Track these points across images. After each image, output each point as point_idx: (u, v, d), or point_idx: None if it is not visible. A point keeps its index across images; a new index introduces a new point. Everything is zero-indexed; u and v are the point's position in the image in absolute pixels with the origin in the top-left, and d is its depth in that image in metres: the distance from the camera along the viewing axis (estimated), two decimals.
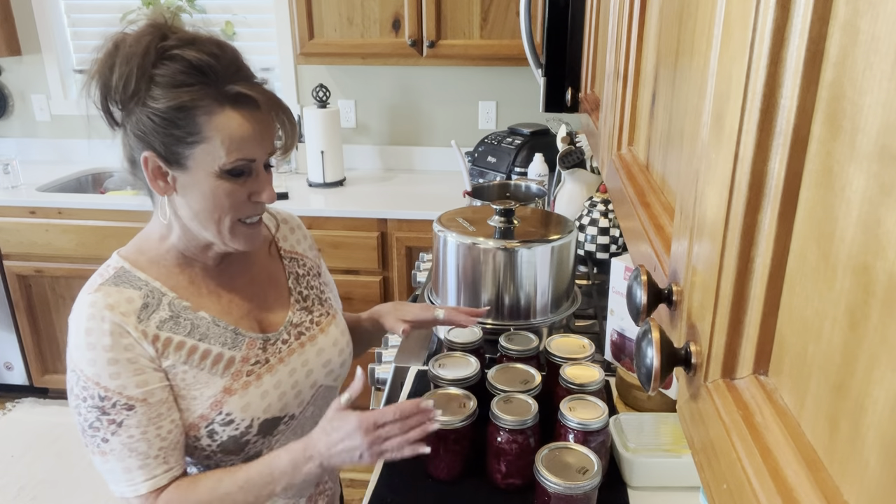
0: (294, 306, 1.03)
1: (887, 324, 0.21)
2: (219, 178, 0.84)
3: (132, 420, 0.85)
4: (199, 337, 0.90)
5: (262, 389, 0.94)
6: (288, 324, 1.01)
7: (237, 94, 0.82)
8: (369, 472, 2.42)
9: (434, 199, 2.52)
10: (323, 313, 1.06)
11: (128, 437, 0.85)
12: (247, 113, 0.83)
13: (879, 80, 0.22)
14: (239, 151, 0.83)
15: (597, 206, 1.78)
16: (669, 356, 0.37)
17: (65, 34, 2.99)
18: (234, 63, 0.84)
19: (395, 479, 1.04)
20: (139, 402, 0.85)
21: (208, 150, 0.82)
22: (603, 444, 0.99)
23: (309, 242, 1.13)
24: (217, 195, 0.85)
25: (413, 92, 2.88)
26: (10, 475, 2.46)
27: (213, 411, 0.90)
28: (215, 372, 0.90)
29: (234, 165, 0.84)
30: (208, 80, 0.81)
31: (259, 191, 0.88)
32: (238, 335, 0.94)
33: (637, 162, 0.71)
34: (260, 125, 0.85)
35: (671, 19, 0.55)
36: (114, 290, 0.87)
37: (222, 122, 0.82)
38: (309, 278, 1.08)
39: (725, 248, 0.33)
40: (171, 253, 0.93)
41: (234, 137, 0.83)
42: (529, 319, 1.30)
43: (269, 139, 0.87)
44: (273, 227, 1.08)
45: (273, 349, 0.97)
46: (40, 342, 2.77)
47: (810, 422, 0.27)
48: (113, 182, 2.93)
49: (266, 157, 0.88)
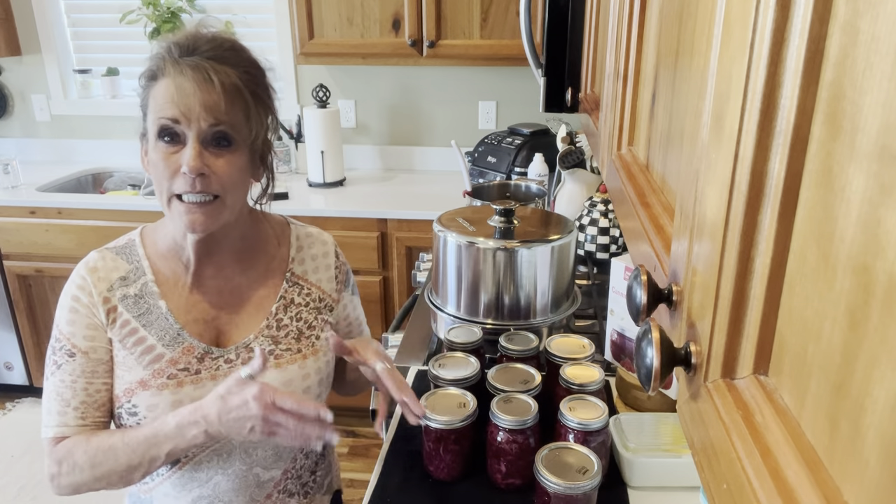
0: (262, 332, 1.00)
1: (887, 324, 0.21)
2: (156, 144, 0.88)
3: (68, 367, 0.92)
4: (144, 322, 0.94)
5: (177, 398, 0.92)
6: (242, 345, 0.98)
7: (189, 62, 0.86)
8: (369, 473, 2.43)
9: (434, 199, 2.52)
10: (290, 349, 1.01)
11: (59, 381, 0.92)
12: (189, 81, 0.85)
13: (879, 80, 0.22)
14: (160, 111, 0.86)
15: (597, 206, 1.78)
16: (669, 356, 0.37)
17: (65, 34, 2.99)
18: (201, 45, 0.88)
19: (395, 479, 1.04)
20: (80, 353, 0.92)
21: (150, 118, 0.88)
22: (603, 444, 0.99)
23: (331, 274, 1.09)
24: (154, 161, 0.88)
25: (413, 92, 2.88)
26: (10, 475, 2.46)
27: (125, 397, 0.92)
28: (140, 361, 0.93)
29: (159, 127, 0.86)
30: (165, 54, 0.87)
31: (183, 160, 0.86)
32: (179, 336, 0.94)
33: (637, 162, 0.71)
34: (199, 94, 0.85)
35: (671, 19, 0.55)
36: (110, 255, 0.96)
37: (157, 89, 0.87)
38: (303, 309, 1.04)
39: (725, 248, 0.33)
40: (168, 237, 0.97)
41: (159, 101, 0.86)
42: (529, 319, 1.30)
43: (204, 107, 0.85)
44: (294, 249, 1.06)
45: (210, 363, 0.95)
46: (40, 342, 2.77)
47: (810, 422, 0.27)
48: (113, 182, 2.93)
49: (198, 125, 0.86)
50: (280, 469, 1.03)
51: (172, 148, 0.87)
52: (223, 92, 0.87)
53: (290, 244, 1.07)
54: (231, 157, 0.90)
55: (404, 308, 1.72)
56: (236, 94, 0.88)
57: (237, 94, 0.88)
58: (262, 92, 0.93)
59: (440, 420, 0.99)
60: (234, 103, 0.88)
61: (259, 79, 0.93)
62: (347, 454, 2.59)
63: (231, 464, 0.98)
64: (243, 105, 0.89)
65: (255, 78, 0.92)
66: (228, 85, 0.87)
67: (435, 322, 1.41)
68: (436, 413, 1.00)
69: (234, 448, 0.97)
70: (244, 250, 1.02)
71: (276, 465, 1.02)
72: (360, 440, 2.66)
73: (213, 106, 0.86)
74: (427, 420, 1.00)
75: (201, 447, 0.95)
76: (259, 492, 1.01)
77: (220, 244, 0.98)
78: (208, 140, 0.88)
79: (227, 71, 0.87)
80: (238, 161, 0.91)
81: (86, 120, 3.06)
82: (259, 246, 1.04)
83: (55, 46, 2.95)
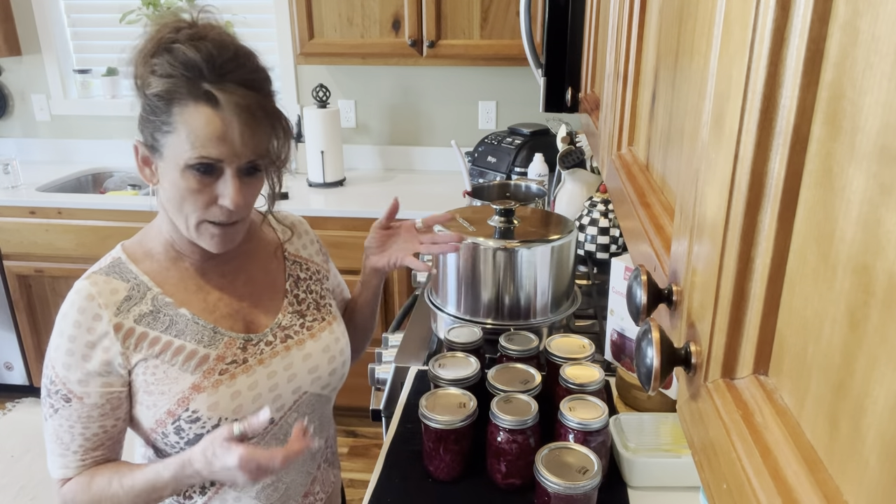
0: (286, 309, 1.02)
1: (887, 324, 0.21)
2: (185, 171, 0.85)
3: (65, 412, 0.90)
4: (174, 333, 0.92)
5: (234, 389, 0.93)
6: (275, 326, 1.00)
7: (214, 92, 0.81)
8: (369, 473, 2.42)
9: (434, 199, 2.52)
10: (317, 318, 1.05)
11: (57, 425, 0.91)
12: (220, 113, 0.82)
13: (879, 80, 0.22)
14: (203, 149, 0.83)
15: (597, 206, 1.78)
16: (669, 356, 0.37)
17: (65, 34, 2.99)
18: (227, 64, 0.83)
19: (395, 479, 1.04)
20: (76, 399, 0.90)
21: (177, 142, 0.84)
22: (603, 444, 0.99)
23: (316, 247, 1.13)
24: (181, 189, 0.86)
25: (413, 92, 2.88)
26: (10, 475, 2.46)
27: (180, 407, 0.91)
28: (186, 368, 0.91)
29: (197, 162, 0.83)
30: (191, 74, 0.82)
31: (224, 194, 0.86)
32: (216, 333, 0.94)
33: (637, 162, 0.71)
34: (245, 131, 0.83)
35: (671, 19, 0.55)
36: (102, 279, 0.91)
37: (192, 116, 0.82)
38: (310, 282, 1.08)
39: (725, 248, 0.33)
40: (164, 246, 0.96)
41: (199, 134, 0.82)
42: (529, 319, 1.30)
43: (245, 144, 0.84)
44: (281, 233, 1.09)
45: (254, 350, 0.96)
46: (40, 342, 2.77)
47: (810, 422, 0.27)
48: (113, 182, 2.93)
49: (239, 161, 0.85)
50: (324, 438, 1.10)
51: (207, 179, 0.85)
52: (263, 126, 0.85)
53: (274, 228, 1.09)
54: (258, 183, 0.90)
55: (404, 308, 1.72)
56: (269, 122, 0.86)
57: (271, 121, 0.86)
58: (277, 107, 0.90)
59: (440, 420, 0.99)
60: (265, 131, 0.86)
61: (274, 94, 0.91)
62: (347, 454, 2.59)
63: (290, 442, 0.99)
64: (270, 131, 0.87)
65: (272, 95, 0.89)
66: (265, 117, 0.85)
67: (435, 322, 1.41)
68: (436, 413, 1.00)
69: (290, 428, 1.00)
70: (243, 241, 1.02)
71: (321, 434, 1.09)
72: (360, 440, 2.66)
73: (257, 144, 0.85)
74: (427, 420, 1.00)
75: (262, 435, 0.97)
76: (312, 464, 1.07)
77: None
78: (243, 172, 0.87)
79: (263, 102, 0.85)
80: (261, 184, 0.92)
81: (86, 120, 3.06)
82: (254, 234, 1.06)
83: (55, 46, 2.95)
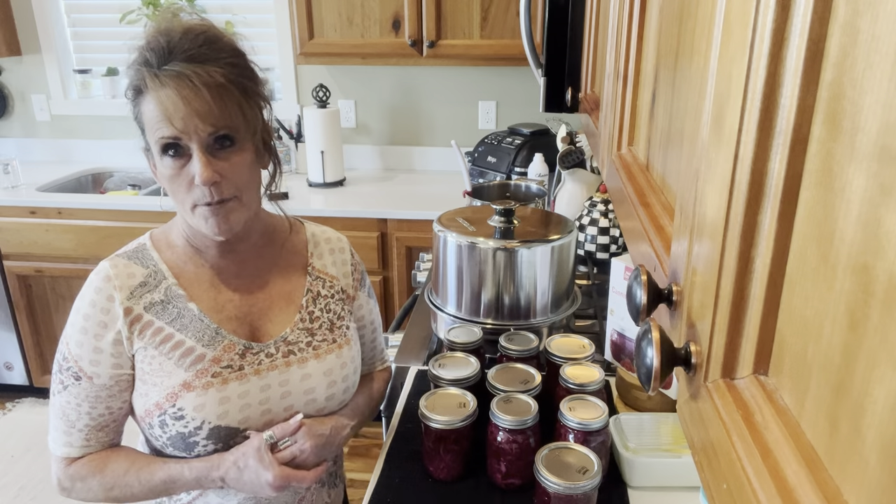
0: (297, 324, 1.00)
1: (887, 324, 0.21)
2: (161, 159, 0.86)
3: (74, 389, 0.91)
4: (178, 327, 0.92)
5: (224, 395, 0.92)
6: (280, 339, 0.98)
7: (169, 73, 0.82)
8: (369, 473, 2.43)
9: (434, 199, 2.52)
10: (327, 339, 1.02)
11: (65, 402, 0.92)
12: (174, 94, 0.81)
13: (879, 80, 0.22)
14: (159, 130, 0.83)
15: (597, 206, 1.78)
16: (669, 356, 0.37)
17: (65, 34, 2.99)
18: (176, 48, 0.83)
19: (395, 479, 1.04)
20: (85, 378, 0.91)
21: (148, 132, 0.86)
22: (603, 444, 0.99)
23: (349, 269, 1.10)
24: (166, 177, 0.87)
25: (413, 92, 2.88)
26: (10, 475, 2.46)
27: (168, 402, 0.91)
28: (181, 364, 0.91)
29: (161, 145, 0.84)
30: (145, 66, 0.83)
31: (195, 171, 0.84)
32: (218, 334, 0.94)
33: (637, 162, 0.71)
34: (188, 105, 0.81)
35: (671, 19, 0.55)
36: (122, 262, 0.93)
37: (147, 104, 0.84)
38: (330, 301, 1.05)
39: (725, 248, 0.33)
40: (183, 239, 0.97)
41: (152, 117, 0.84)
42: (529, 319, 1.30)
43: (198, 115, 0.82)
44: (311, 245, 1.07)
45: (252, 359, 0.95)
46: (40, 342, 2.77)
47: (810, 422, 0.27)
48: (113, 182, 2.93)
49: (199, 135, 0.83)
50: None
51: (180, 161, 0.85)
52: (211, 95, 0.83)
53: (306, 240, 1.07)
54: (238, 156, 0.88)
55: (404, 308, 1.72)
56: (225, 92, 0.84)
57: (225, 91, 0.84)
58: (248, 79, 0.89)
59: (440, 420, 0.99)
60: (226, 101, 0.84)
61: (242, 66, 0.89)
62: (347, 454, 2.59)
63: None
64: (235, 100, 0.86)
65: (238, 67, 0.87)
66: (214, 86, 0.83)
67: (435, 322, 1.41)
68: (436, 413, 1.00)
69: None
70: (264, 245, 1.02)
71: None
72: (360, 440, 2.66)
73: (207, 113, 0.83)
74: (427, 420, 1.00)
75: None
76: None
77: (243, 241, 0.98)
78: (211, 146, 0.85)
79: (209, 70, 0.83)
80: (245, 158, 0.89)
81: (86, 120, 3.06)
82: (277, 240, 1.04)
83: (55, 46, 2.95)
